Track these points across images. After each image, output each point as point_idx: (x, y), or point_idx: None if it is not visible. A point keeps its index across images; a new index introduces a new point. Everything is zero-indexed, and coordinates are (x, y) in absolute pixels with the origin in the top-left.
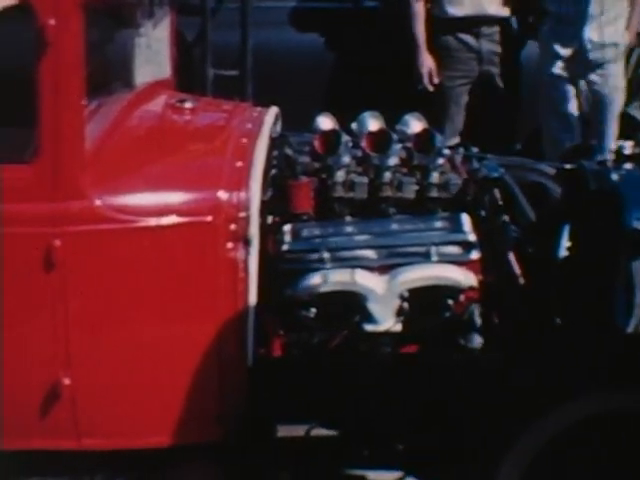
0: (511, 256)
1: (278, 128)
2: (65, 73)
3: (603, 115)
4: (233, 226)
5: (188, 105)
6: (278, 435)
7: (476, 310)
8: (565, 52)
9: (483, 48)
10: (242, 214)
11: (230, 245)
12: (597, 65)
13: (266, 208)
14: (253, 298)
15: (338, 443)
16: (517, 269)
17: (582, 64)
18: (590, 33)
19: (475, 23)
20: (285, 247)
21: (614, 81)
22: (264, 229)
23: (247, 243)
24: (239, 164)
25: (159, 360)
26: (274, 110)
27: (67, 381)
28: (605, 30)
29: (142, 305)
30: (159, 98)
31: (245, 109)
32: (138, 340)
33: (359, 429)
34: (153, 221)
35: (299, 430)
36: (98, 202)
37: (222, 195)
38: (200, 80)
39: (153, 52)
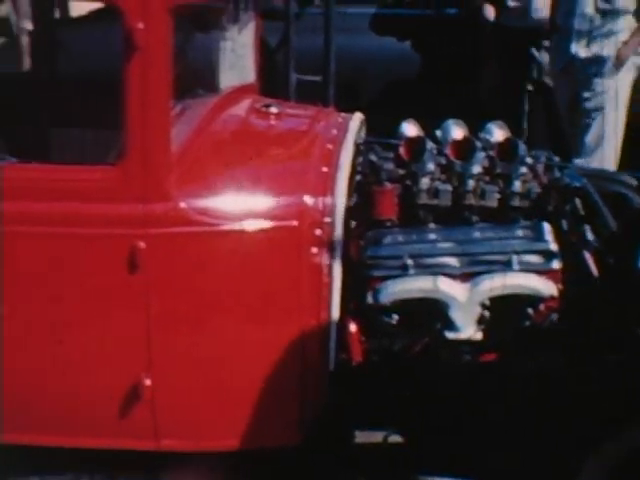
0: (592, 266)
1: (362, 134)
2: (153, 76)
3: (591, 131)
4: (318, 231)
5: (273, 110)
6: (356, 441)
7: (556, 319)
8: (560, 66)
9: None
10: (327, 219)
11: (315, 250)
12: (586, 81)
13: (350, 214)
14: (336, 303)
15: (415, 450)
16: (598, 279)
17: (573, 79)
18: (577, 48)
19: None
20: (368, 253)
21: (602, 99)
22: (348, 235)
23: (331, 248)
24: (325, 169)
25: (240, 363)
26: (358, 116)
27: (148, 382)
28: (593, 46)
29: (225, 308)
30: (243, 102)
31: (330, 115)
32: (220, 343)
33: (437, 437)
34: (237, 225)
35: (377, 436)
36: (183, 205)
37: (308, 200)
38: (283, 85)
39: (238, 57)
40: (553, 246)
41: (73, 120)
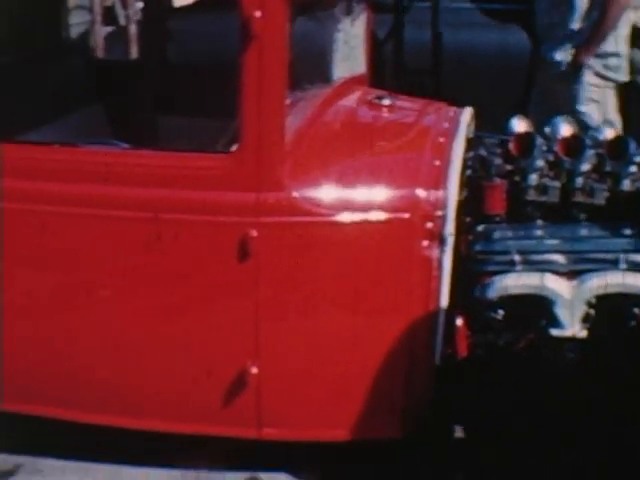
0: None
1: (472, 128)
2: (269, 65)
3: None
4: (429, 224)
5: (385, 102)
6: (455, 435)
7: None
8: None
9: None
10: (439, 212)
11: (425, 243)
12: (561, 83)
13: (460, 208)
14: (445, 297)
15: (513, 447)
16: None
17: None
18: (553, 52)
19: None
20: (477, 248)
21: (574, 103)
22: (457, 229)
23: (442, 242)
24: (437, 163)
25: (347, 353)
26: (469, 110)
27: (254, 370)
28: (563, 48)
29: (333, 298)
30: (355, 94)
31: (441, 108)
32: (327, 333)
33: (538, 434)
34: (349, 216)
35: None
36: (295, 194)
37: (420, 193)
38: (391, 77)
39: (350, 48)
40: None
41: (181, 108)
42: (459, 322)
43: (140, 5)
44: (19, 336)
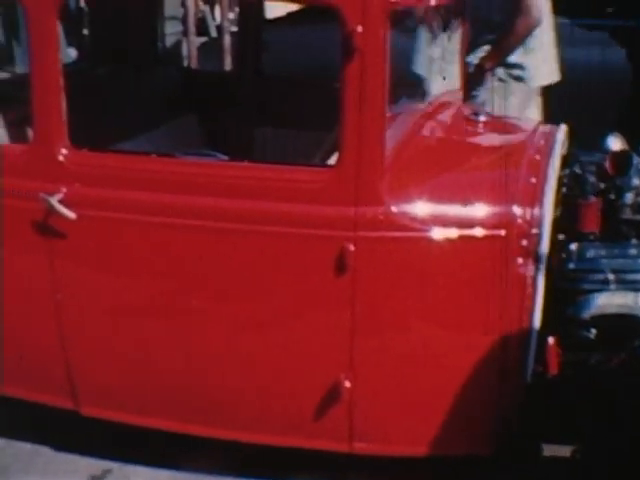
0: None
1: (566, 145)
2: (370, 80)
3: None
4: (525, 242)
5: (481, 118)
6: (544, 454)
7: None
8: None
9: None
10: (534, 230)
11: (520, 260)
12: None
13: (554, 226)
14: (538, 315)
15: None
16: None
17: None
18: None
19: None
20: (570, 266)
21: None
22: (551, 246)
23: (537, 260)
24: (533, 180)
25: (440, 369)
26: (564, 128)
27: (348, 384)
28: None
29: (428, 313)
30: (451, 109)
31: (536, 125)
32: (421, 348)
33: (629, 455)
34: (445, 231)
35: (565, 451)
36: (394, 209)
37: (516, 210)
38: None
39: (447, 63)
40: None
41: (276, 119)
42: (551, 340)
43: (232, 16)
44: (107, 343)
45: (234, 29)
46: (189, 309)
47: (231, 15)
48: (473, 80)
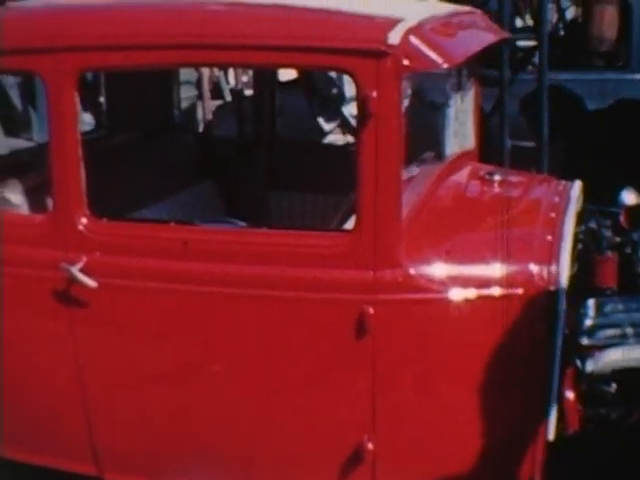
0: None
1: (582, 201)
2: (386, 143)
3: None
4: (542, 299)
5: (497, 177)
6: None
7: None
8: None
9: None
10: (552, 288)
11: (538, 318)
12: None
13: (572, 282)
14: (557, 371)
15: None
16: None
17: None
18: None
19: None
20: (588, 321)
21: None
22: (569, 302)
23: (554, 317)
24: (549, 238)
25: (461, 429)
26: (578, 184)
27: (370, 446)
28: None
29: (448, 374)
30: (466, 169)
31: (550, 182)
32: (442, 409)
33: None
34: (464, 292)
35: None
36: (412, 271)
37: (534, 268)
38: (496, 151)
39: (460, 123)
40: None
41: (292, 183)
42: (570, 396)
43: (246, 79)
44: (129, 409)
45: (248, 92)
46: (211, 375)
47: (244, 78)
48: None
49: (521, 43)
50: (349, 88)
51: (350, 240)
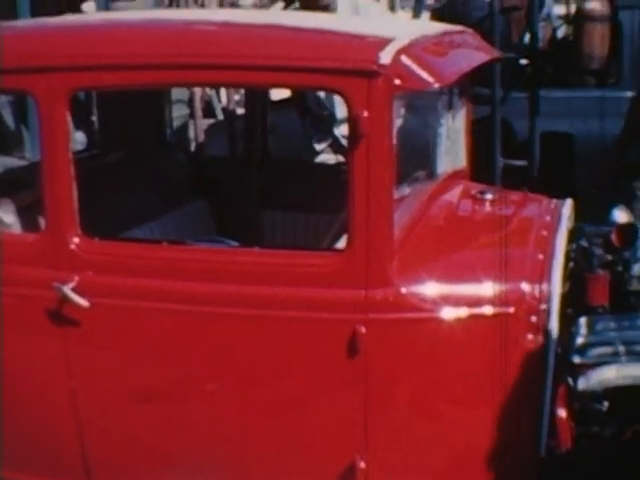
0: None
1: (573, 220)
2: (377, 163)
3: None
4: (534, 318)
5: (488, 197)
6: None
7: None
8: None
9: None
10: (543, 306)
11: (530, 337)
12: None
13: (563, 300)
14: (549, 390)
15: None
16: None
17: None
18: None
19: None
20: (580, 340)
21: None
22: (561, 321)
23: (546, 335)
24: (540, 257)
25: (453, 447)
26: (569, 202)
27: (362, 465)
28: None
29: (440, 393)
30: (457, 188)
31: (542, 201)
32: (434, 427)
33: None
34: (455, 311)
35: None
36: (403, 290)
37: (525, 287)
38: (487, 169)
39: (452, 142)
40: None
41: (284, 203)
42: (562, 413)
43: (238, 98)
44: (122, 428)
45: (240, 111)
46: (202, 394)
47: (237, 97)
48: None
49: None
50: (340, 109)
51: (342, 259)
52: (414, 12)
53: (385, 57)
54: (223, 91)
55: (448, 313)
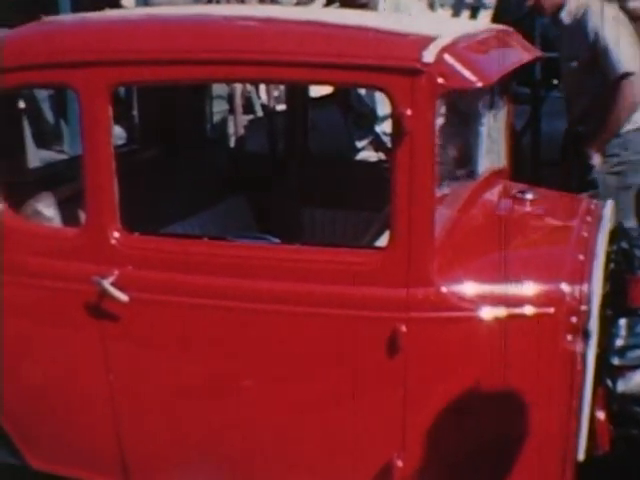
0: None
1: (614, 221)
2: (420, 162)
3: None
4: (574, 319)
5: (528, 196)
6: None
7: None
8: None
9: None
10: (583, 307)
11: (570, 338)
12: None
13: (603, 301)
14: (589, 392)
15: None
16: None
17: None
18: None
19: None
20: (619, 341)
21: None
22: (600, 322)
23: (586, 336)
24: (581, 257)
25: (491, 448)
26: (610, 203)
27: (400, 463)
28: None
29: (479, 392)
30: (497, 188)
31: (582, 201)
32: (472, 427)
33: None
34: (496, 310)
35: None
36: (444, 289)
37: (565, 287)
38: (529, 169)
39: (492, 142)
40: None
41: (324, 200)
42: (601, 416)
43: (277, 94)
44: (160, 423)
45: (279, 107)
46: (241, 391)
47: (276, 93)
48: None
49: None
50: (381, 106)
51: (383, 257)
52: (454, 10)
53: (428, 56)
54: (262, 87)
55: (488, 312)
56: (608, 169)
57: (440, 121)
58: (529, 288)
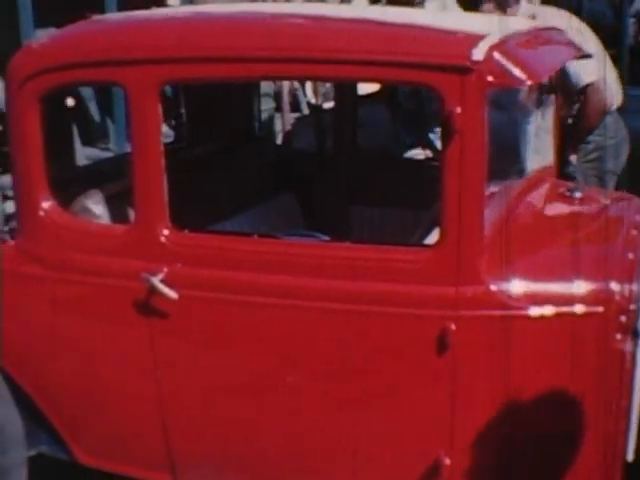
0: None
1: None
2: (470, 160)
3: None
4: (623, 318)
5: (577, 195)
6: None
7: None
8: None
9: None
10: (632, 306)
11: (619, 337)
12: None
13: None
14: (638, 391)
15: None
16: None
17: None
18: None
19: None
20: None
21: None
22: None
23: (635, 335)
24: (630, 256)
25: (539, 447)
26: None
27: (447, 461)
28: None
29: (528, 391)
30: (546, 186)
31: (631, 200)
32: (520, 426)
33: None
34: (545, 309)
35: None
36: (494, 288)
37: (614, 286)
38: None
39: (540, 140)
40: None
41: (372, 197)
42: None
43: (324, 91)
44: (207, 420)
45: (326, 105)
46: (289, 388)
47: (322, 90)
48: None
49: None
50: (430, 104)
51: (433, 255)
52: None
53: (478, 53)
54: (308, 85)
55: (536, 311)
56: (585, 156)
57: (489, 119)
58: (578, 287)
